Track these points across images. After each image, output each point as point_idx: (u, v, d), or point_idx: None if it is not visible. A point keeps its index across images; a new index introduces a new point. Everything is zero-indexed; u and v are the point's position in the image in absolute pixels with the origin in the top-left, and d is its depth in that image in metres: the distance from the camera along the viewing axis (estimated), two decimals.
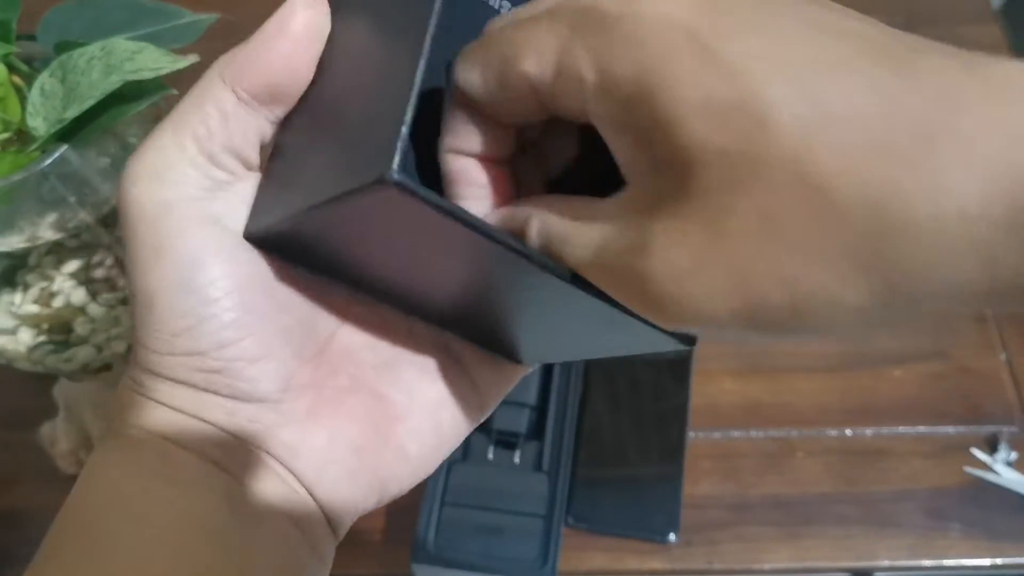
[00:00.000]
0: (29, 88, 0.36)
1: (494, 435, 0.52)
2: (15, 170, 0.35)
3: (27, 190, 0.36)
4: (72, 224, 0.39)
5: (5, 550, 0.53)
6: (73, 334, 0.42)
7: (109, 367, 0.45)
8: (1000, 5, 0.83)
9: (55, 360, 0.44)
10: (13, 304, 0.42)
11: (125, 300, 0.42)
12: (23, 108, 0.36)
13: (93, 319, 0.42)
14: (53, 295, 0.42)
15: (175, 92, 0.37)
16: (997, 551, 0.51)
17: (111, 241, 0.42)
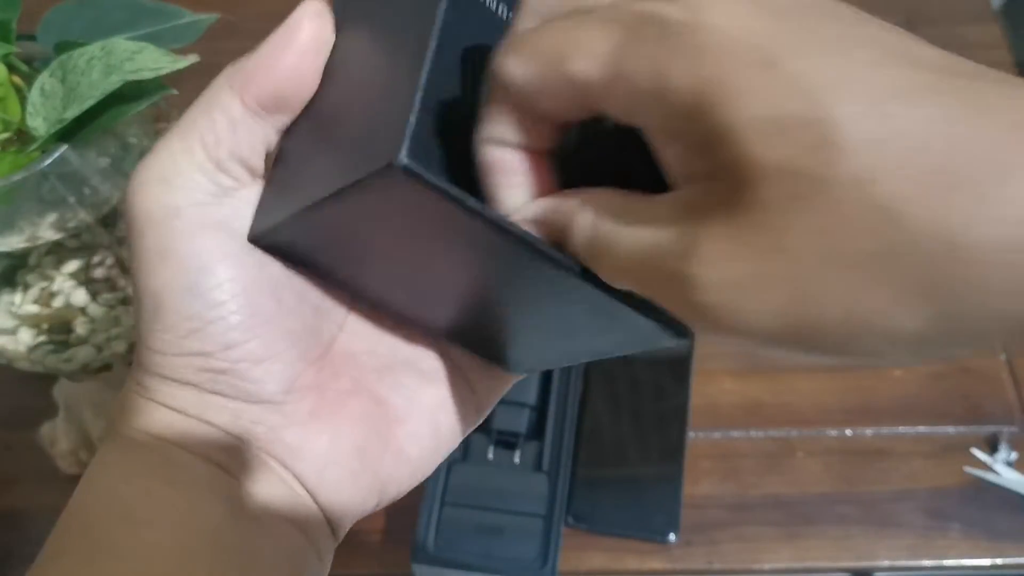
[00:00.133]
0: (29, 88, 0.36)
1: (494, 435, 0.52)
2: (15, 170, 0.35)
3: (27, 190, 0.36)
4: (72, 224, 0.39)
5: (5, 550, 0.53)
6: (73, 334, 0.42)
7: (109, 367, 0.45)
8: (1000, 5, 0.83)
9: (55, 360, 0.44)
10: (13, 304, 0.42)
11: (125, 300, 0.42)
12: (23, 108, 0.36)
13: (93, 319, 0.42)
14: (53, 295, 0.42)
15: (175, 92, 0.37)
16: (997, 551, 0.51)
17: (111, 241, 0.42)
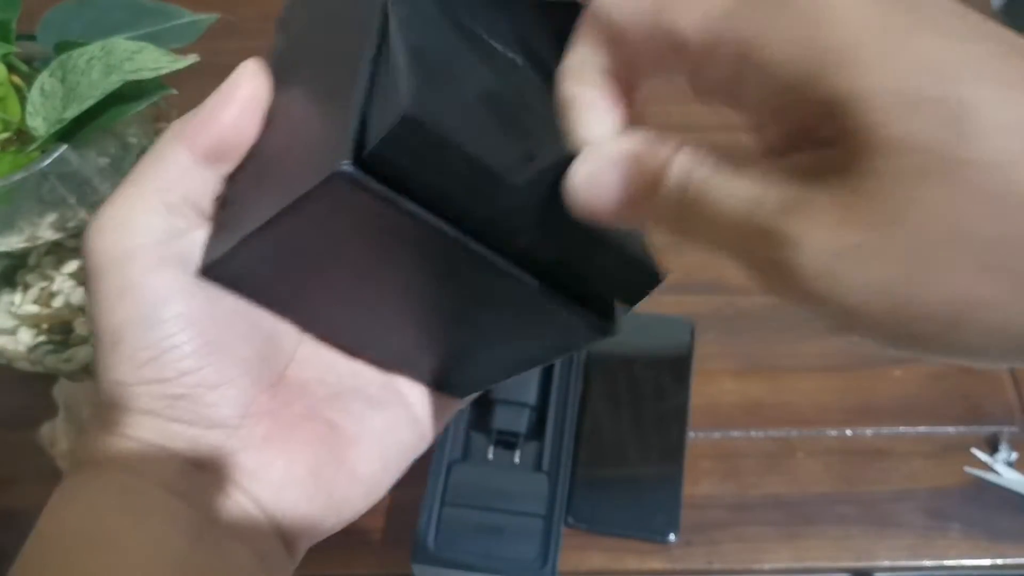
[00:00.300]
0: (29, 88, 0.36)
1: (494, 435, 0.51)
2: (15, 170, 0.35)
3: (27, 190, 0.36)
4: (72, 224, 0.39)
5: (4, 550, 0.53)
6: (73, 334, 0.42)
7: None
8: (1000, 5, 0.83)
9: (55, 360, 0.44)
10: (13, 304, 0.42)
11: None
12: (23, 108, 0.36)
13: None
14: (53, 295, 0.42)
15: (175, 92, 0.37)
16: (997, 551, 0.51)
17: None
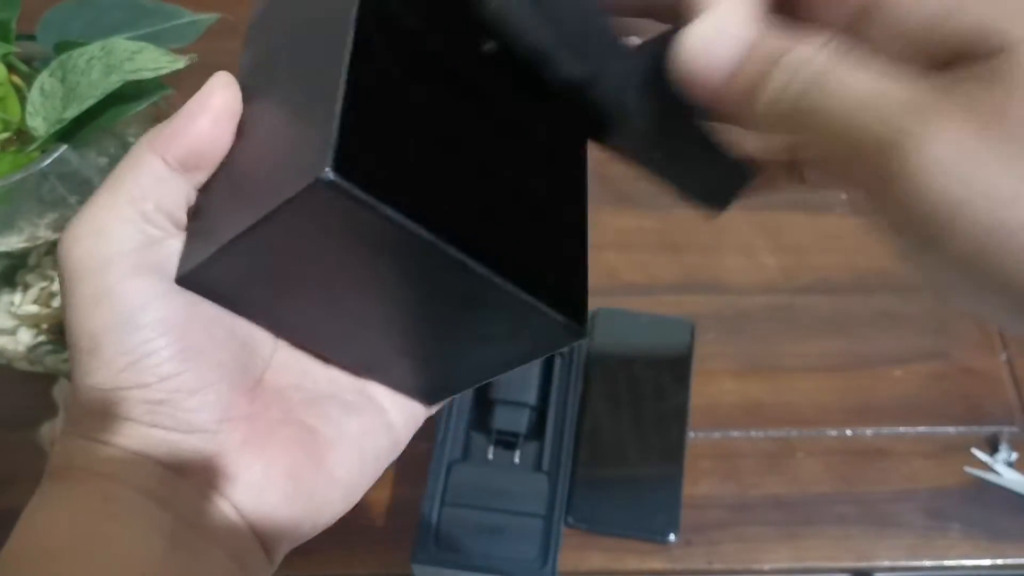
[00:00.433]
0: (29, 88, 0.36)
1: (494, 435, 0.51)
2: (15, 170, 0.35)
3: (27, 190, 0.36)
4: None
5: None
6: None
7: None
8: None
9: (55, 360, 0.44)
10: (13, 304, 0.42)
11: None
12: (23, 108, 0.36)
13: None
14: (53, 295, 0.42)
15: (174, 92, 0.37)
16: (998, 551, 0.51)
17: None
